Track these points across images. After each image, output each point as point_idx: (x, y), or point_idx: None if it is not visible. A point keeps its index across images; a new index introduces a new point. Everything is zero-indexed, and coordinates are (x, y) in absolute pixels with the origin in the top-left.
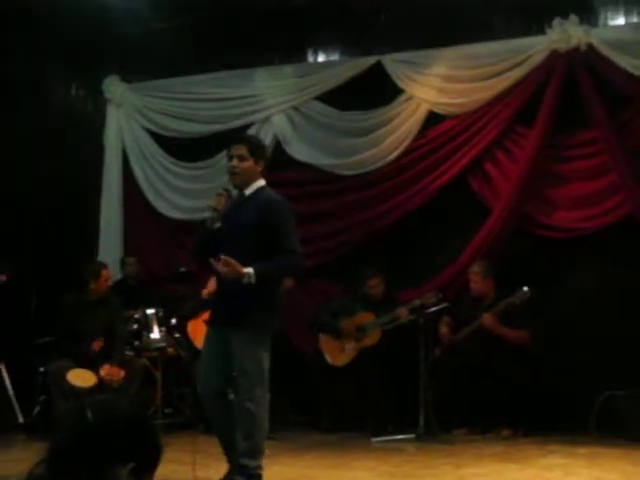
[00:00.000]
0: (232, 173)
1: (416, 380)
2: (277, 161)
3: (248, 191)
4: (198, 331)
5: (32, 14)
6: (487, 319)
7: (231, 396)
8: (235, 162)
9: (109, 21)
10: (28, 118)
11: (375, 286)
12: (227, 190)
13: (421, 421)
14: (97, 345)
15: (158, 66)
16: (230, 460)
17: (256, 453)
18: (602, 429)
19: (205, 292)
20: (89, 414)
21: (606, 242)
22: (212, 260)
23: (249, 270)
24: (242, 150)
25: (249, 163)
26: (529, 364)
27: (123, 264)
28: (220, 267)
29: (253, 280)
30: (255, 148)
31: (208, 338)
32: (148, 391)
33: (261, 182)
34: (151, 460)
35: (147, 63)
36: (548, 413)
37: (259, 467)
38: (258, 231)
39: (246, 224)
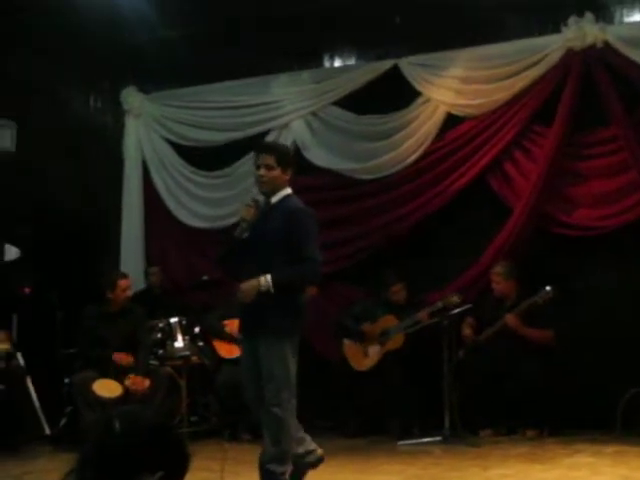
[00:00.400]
0: (259, 182)
1: (440, 382)
2: (296, 167)
3: (274, 199)
4: (222, 342)
5: (49, 27)
6: (510, 319)
7: None
8: (262, 171)
9: (125, 32)
10: (48, 131)
11: (398, 292)
12: (256, 201)
13: (446, 423)
14: (120, 358)
15: (175, 75)
16: None
17: (284, 459)
18: (628, 427)
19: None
20: (116, 424)
21: (627, 240)
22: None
23: (267, 277)
24: (269, 159)
25: (276, 172)
26: (553, 364)
27: (147, 274)
28: (240, 296)
29: (271, 288)
30: (282, 157)
31: (242, 348)
32: (173, 400)
33: (287, 190)
34: (179, 469)
35: (164, 73)
36: (573, 412)
37: (285, 473)
38: (283, 239)
39: (271, 233)
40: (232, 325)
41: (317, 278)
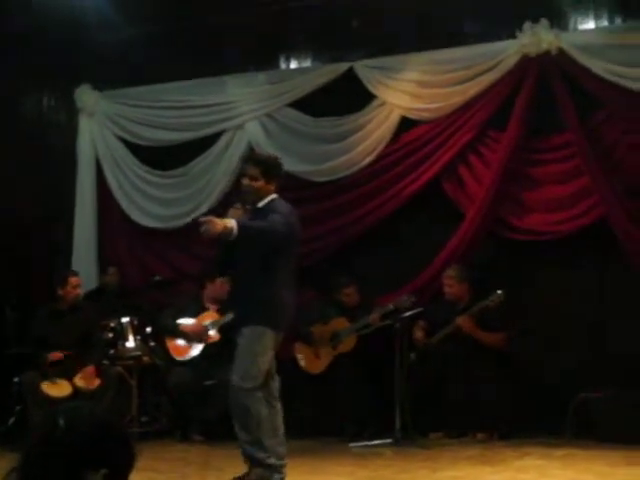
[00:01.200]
0: (243, 191)
1: (392, 384)
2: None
3: (261, 204)
4: (174, 343)
5: (2, 25)
6: (463, 321)
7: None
8: (246, 181)
9: (80, 30)
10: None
11: (349, 294)
12: (242, 204)
13: (397, 425)
14: (55, 356)
15: (130, 74)
16: None
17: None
18: (577, 431)
19: None
20: (60, 421)
21: (579, 245)
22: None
23: (231, 221)
24: (254, 171)
25: (260, 183)
26: (504, 367)
27: (104, 274)
28: (202, 229)
29: (235, 232)
30: (268, 169)
31: None
32: (124, 400)
33: (273, 195)
34: (124, 466)
35: (119, 71)
36: (524, 416)
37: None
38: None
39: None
40: (190, 326)
41: (279, 236)
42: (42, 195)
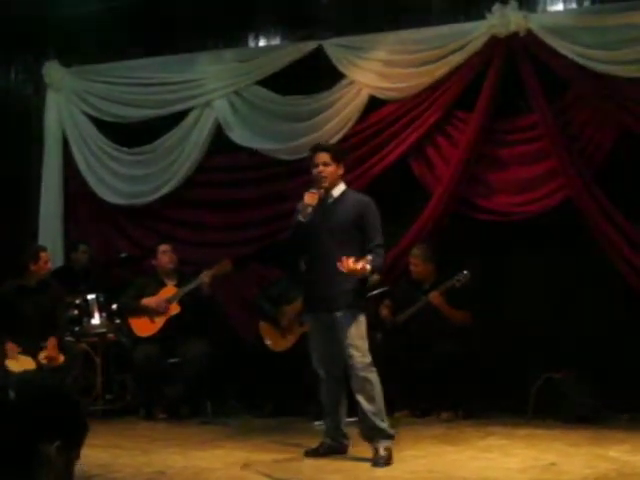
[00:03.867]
0: (319, 178)
1: None
2: (217, 145)
3: (336, 193)
4: (138, 320)
5: None
6: (435, 297)
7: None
8: (321, 168)
9: (49, 5)
10: None
11: None
12: (319, 189)
13: None
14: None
15: (99, 50)
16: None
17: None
18: (540, 411)
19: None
20: (11, 393)
21: (545, 226)
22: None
23: (366, 267)
24: (326, 157)
25: (332, 168)
26: (470, 347)
27: (76, 251)
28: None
29: (369, 271)
30: (336, 154)
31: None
32: (88, 377)
33: (343, 185)
34: (77, 437)
35: (87, 47)
36: (488, 396)
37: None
38: (355, 229)
39: (346, 222)
40: (151, 301)
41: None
42: (8, 170)
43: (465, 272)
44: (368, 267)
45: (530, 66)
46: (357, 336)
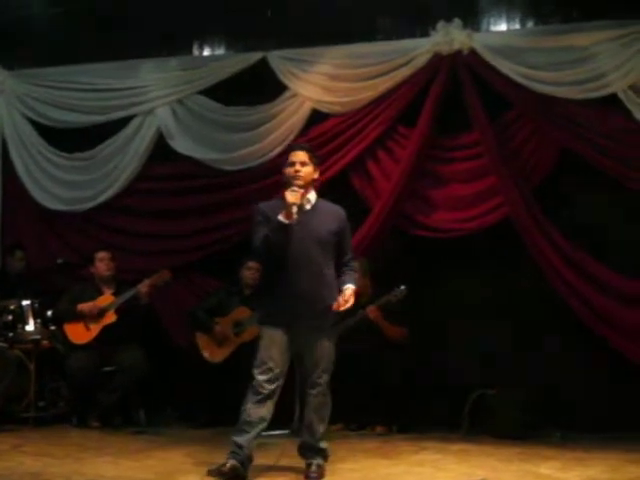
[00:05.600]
0: (296, 177)
1: (292, 376)
2: (159, 154)
3: (312, 198)
4: (73, 327)
5: None
6: (371, 311)
7: None
8: (298, 167)
9: None
10: None
11: (252, 268)
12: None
13: (296, 416)
14: None
15: (41, 54)
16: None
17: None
18: (473, 427)
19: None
20: None
21: (483, 243)
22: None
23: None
24: (304, 157)
25: (309, 169)
26: (404, 362)
27: (12, 256)
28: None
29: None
30: (313, 156)
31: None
32: (21, 383)
33: (314, 193)
34: None
35: (30, 50)
36: (422, 410)
37: None
38: (334, 240)
39: (328, 231)
40: (86, 306)
41: None
42: None
43: (402, 287)
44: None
45: (472, 84)
46: (330, 360)
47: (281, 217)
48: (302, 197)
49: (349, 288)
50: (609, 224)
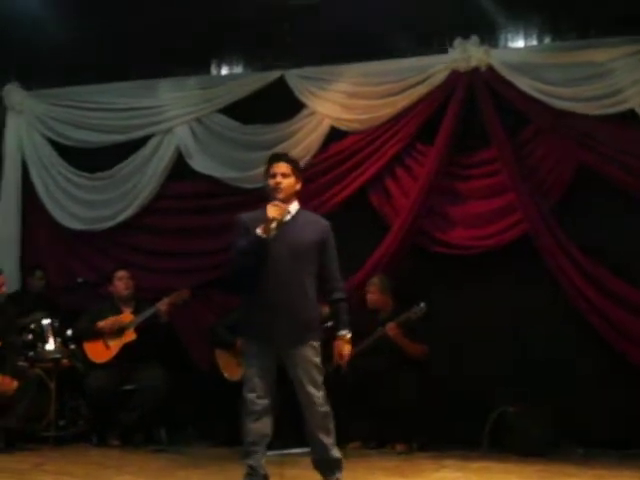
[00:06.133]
0: (276, 189)
1: None
2: (177, 173)
3: (292, 209)
4: (93, 346)
5: None
6: (391, 329)
7: None
8: (279, 178)
9: (11, 26)
10: None
11: None
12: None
13: None
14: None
15: (61, 74)
16: None
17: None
18: (494, 444)
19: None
20: None
21: (503, 260)
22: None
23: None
24: (285, 168)
25: (291, 180)
26: (425, 379)
27: (32, 276)
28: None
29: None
30: (296, 167)
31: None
32: (42, 402)
33: (297, 204)
34: None
35: (50, 71)
36: (443, 428)
37: None
38: (315, 252)
39: (308, 244)
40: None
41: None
42: None
43: (422, 304)
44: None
45: (490, 100)
46: (317, 372)
47: (259, 230)
48: (284, 211)
49: (344, 338)
50: (627, 240)
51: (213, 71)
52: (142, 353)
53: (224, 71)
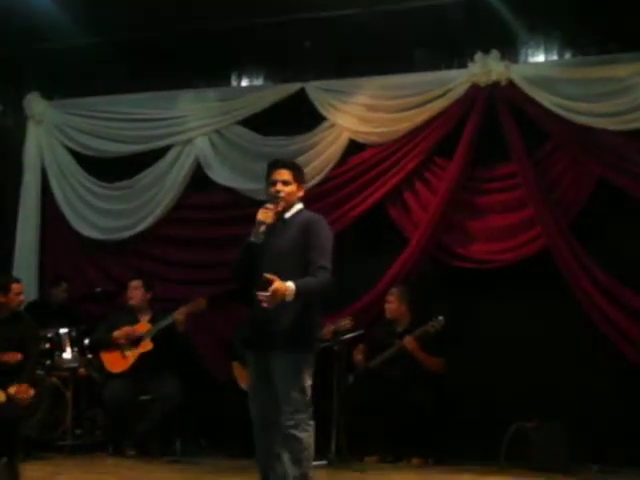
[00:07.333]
0: (276, 197)
1: (329, 407)
2: (196, 184)
3: (288, 214)
4: (110, 356)
5: None
6: (409, 342)
7: None
8: (279, 186)
9: (32, 36)
10: None
11: None
12: (274, 205)
13: (332, 447)
14: (8, 357)
15: (81, 84)
16: None
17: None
18: (511, 459)
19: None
20: None
21: (521, 275)
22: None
23: (290, 285)
24: (286, 175)
25: (292, 188)
26: (442, 393)
27: (57, 286)
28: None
29: (291, 297)
30: (298, 173)
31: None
32: (58, 411)
33: (300, 205)
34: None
35: (70, 81)
36: (460, 442)
37: None
38: (300, 250)
39: (288, 245)
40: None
41: (332, 288)
42: None
43: (440, 318)
44: (289, 291)
45: (510, 115)
46: (292, 386)
47: (251, 237)
48: (275, 215)
49: (283, 284)
50: None
51: (233, 83)
52: (158, 363)
53: (244, 83)
